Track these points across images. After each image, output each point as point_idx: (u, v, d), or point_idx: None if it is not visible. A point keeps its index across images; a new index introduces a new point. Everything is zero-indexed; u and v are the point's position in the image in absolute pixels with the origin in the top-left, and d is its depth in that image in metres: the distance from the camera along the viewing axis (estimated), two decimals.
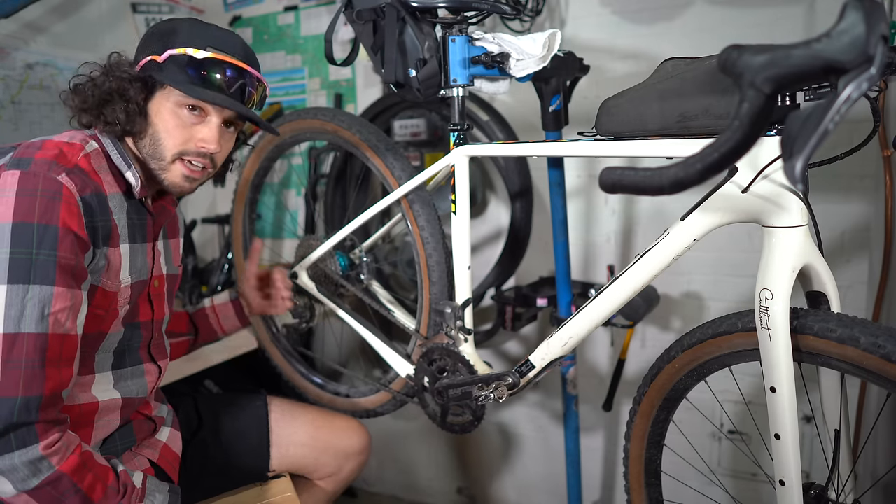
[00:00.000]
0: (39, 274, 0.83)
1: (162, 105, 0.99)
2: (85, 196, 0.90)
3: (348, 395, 1.60)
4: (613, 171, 0.66)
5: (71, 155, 0.92)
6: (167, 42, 0.98)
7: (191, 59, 0.96)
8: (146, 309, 1.08)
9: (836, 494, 1.01)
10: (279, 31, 2.38)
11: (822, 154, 0.84)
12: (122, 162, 0.99)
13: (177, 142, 0.99)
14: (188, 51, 0.96)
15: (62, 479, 0.83)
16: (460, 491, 2.34)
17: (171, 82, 0.96)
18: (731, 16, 1.68)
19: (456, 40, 1.19)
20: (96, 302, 0.94)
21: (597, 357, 1.99)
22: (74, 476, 0.84)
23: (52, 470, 0.82)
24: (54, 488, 0.82)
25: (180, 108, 0.98)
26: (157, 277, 1.11)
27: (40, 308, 0.83)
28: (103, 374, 1.01)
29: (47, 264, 0.84)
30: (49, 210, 0.85)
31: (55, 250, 0.85)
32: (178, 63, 0.96)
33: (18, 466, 0.80)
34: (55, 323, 0.84)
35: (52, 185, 0.86)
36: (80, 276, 0.89)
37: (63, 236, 0.85)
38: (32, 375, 0.81)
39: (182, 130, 0.99)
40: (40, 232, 0.84)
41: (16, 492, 0.80)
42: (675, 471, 1.23)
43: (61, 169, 0.88)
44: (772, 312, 0.88)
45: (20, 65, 1.85)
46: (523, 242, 1.88)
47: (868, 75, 0.52)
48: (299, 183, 2.38)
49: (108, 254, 0.95)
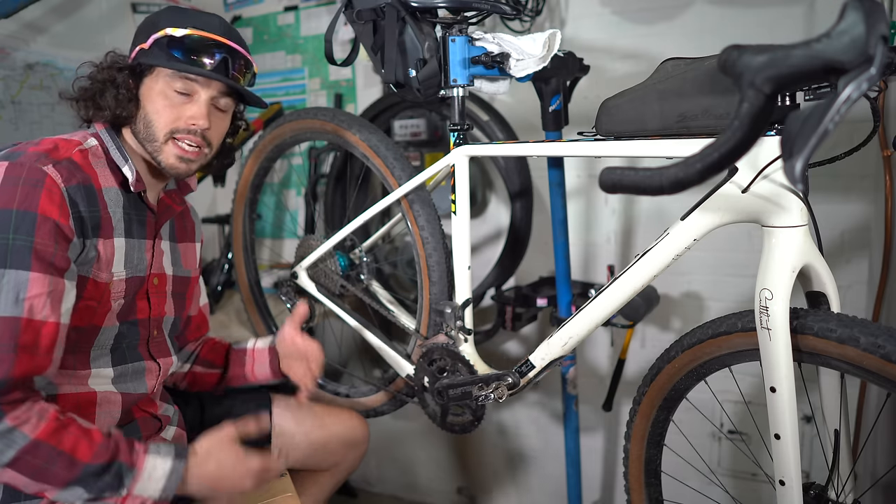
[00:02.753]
0: (15, 259, 0.84)
1: (151, 89, 1.02)
2: (70, 186, 0.92)
3: (348, 395, 1.60)
4: (613, 171, 0.66)
5: (65, 149, 0.96)
6: (150, 30, 1.02)
7: (171, 38, 1.00)
8: (143, 306, 1.08)
9: (836, 494, 1.01)
10: (279, 31, 2.38)
11: (822, 154, 0.84)
12: (119, 156, 1.02)
13: (167, 121, 1.01)
14: (167, 31, 1.00)
15: (39, 446, 0.82)
16: (460, 491, 2.34)
17: (155, 62, 1.00)
18: (731, 16, 1.68)
19: (456, 40, 1.19)
20: (88, 293, 0.95)
21: (597, 357, 1.99)
22: (52, 440, 0.83)
23: (26, 439, 0.81)
24: (34, 456, 0.82)
25: (169, 89, 1.01)
26: (158, 275, 1.11)
27: (15, 292, 0.84)
28: (100, 370, 1.01)
29: (23, 249, 0.85)
30: (29, 197, 0.87)
31: (31, 236, 0.86)
32: (161, 45, 1.00)
33: None
34: (30, 308, 0.85)
35: (35, 174, 0.89)
36: (61, 265, 0.89)
37: (41, 223, 0.87)
38: (1, 358, 0.82)
39: (171, 110, 1.01)
40: (18, 218, 0.86)
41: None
42: (675, 471, 1.23)
43: (49, 160, 0.91)
44: (772, 312, 0.88)
45: (20, 65, 1.85)
46: (523, 242, 1.87)
47: (868, 75, 0.52)
48: (299, 183, 2.38)
49: (98, 245, 0.96)
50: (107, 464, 0.87)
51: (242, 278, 1.79)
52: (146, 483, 0.89)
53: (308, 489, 1.33)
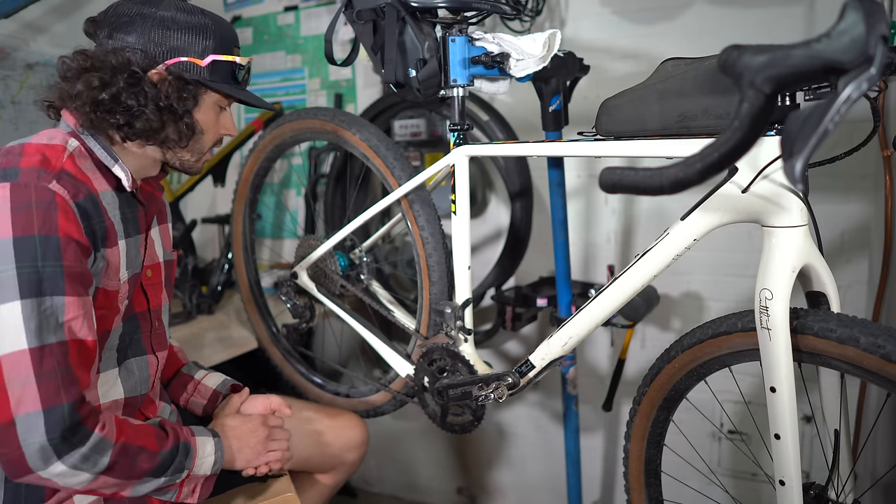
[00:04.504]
0: (48, 286, 0.84)
1: (205, 108, 1.02)
2: (79, 201, 0.89)
3: (348, 395, 1.60)
4: (613, 171, 0.66)
5: (55, 159, 0.90)
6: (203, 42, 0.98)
7: (236, 66, 1.03)
8: (140, 299, 1.08)
9: (836, 494, 1.01)
10: (279, 31, 2.38)
11: (822, 154, 0.84)
12: (107, 157, 0.97)
13: (213, 136, 1.06)
14: (236, 59, 1.02)
15: (125, 446, 0.89)
16: (460, 491, 2.34)
17: (225, 91, 1.01)
18: (731, 16, 1.68)
19: (456, 40, 1.19)
20: (98, 303, 0.94)
21: (597, 357, 1.99)
22: (130, 439, 0.90)
23: (111, 445, 0.87)
24: (123, 457, 0.88)
25: (216, 107, 1.04)
26: (151, 266, 1.10)
27: (55, 318, 0.84)
28: (108, 373, 1.01)
29: (55, 275, 0.84)
30: (48, 220, 0.85)
31: (60, 260, 0.85)
32: (223, 70, 1.01)
33: (88, 455, 0.84)
34: (70, 331, 0.86)
35: (45, 195, 0.85)
36: (87, 282, 0.90)
37: (65, 245, 0.85)
38: (70, 381, 0.84)
39: (216, 126, 1.06)
40: (42, 243, 0.84)
41: (92, 477, 0.85)
42: (675, 471, 1.23)
43: (50, 176, 0.87)
44: (772, 312, 0.88)
45: (20, 65, 1.85)
46: (523, 242, 1.87)
47: (868, 75, 0.52)
48: (299, 183, 2.38)
49: (106, 254, 0.94)
50: (174, 447, 0.95)
51: (242, 278, 1.79)
52: (202, 461, 0.99)
53: (307, 491, 1.33)
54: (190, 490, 0.99)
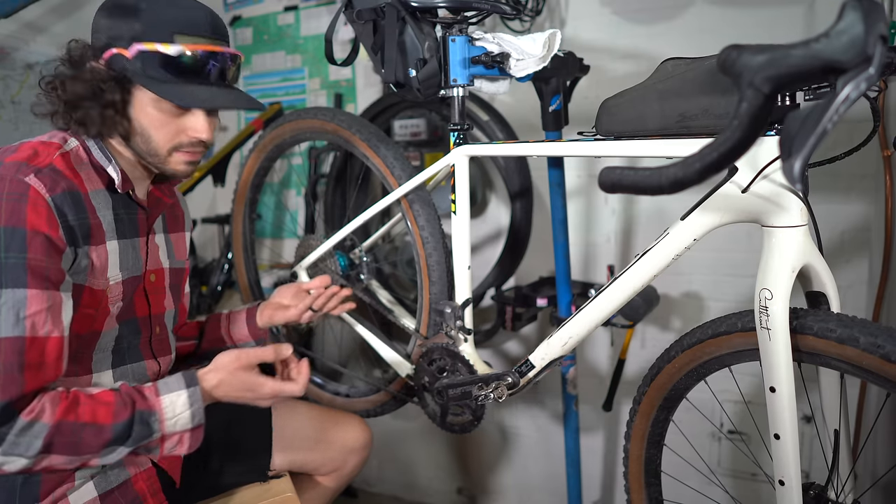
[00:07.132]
0: (10, 277, 0.83)
1: (142, 102, 0.93)
2: (56, 195, 0.87)
3: (348, 395, 1.60)
4: (613, 171, 0.66)
5: (45, 155, 0.90)
6: (129, 29, 0.90)
7: (162, 56, 0.89)
8: (142, 304, 1.07)
9: (836, 494, 1.01)
10: (279, 31, 2.38)
11: (822, 154, 0.84)
12: (102, 157, 0.96)
13: (168, 137, 0.95)
14: (158, 47, 0.89)
15: (61, 425, 0.84)
16: (460, 491, 2.34)
17: (148, 85, 0.90)
18: (731, 16, 1.68)
19: (456, 40, 1.19)
20: (85, 301, 0.94)
21: (597, 357, 1.99)
22: (70, 416, 0.85)
23: (47, 426, 0.83)
24: (61, 436, 0.84)
25: (162, 101, 0.92)
26: (155, 272, 1.10)
27: (14, 311, 0.83)
28: (101, 374, 1.01)
29: (17, 267, 0.83)
30: (15, 213, 0.84)
31: (24, 252, 0.84)
32: (149, 61, 0.89)
33: (16, 441, 0.82)
34: (32, 326, 0.84)
35: (17, 187, 0.85)
36: (56, 278, 0.87)
37: (31, 238, 0.84)
38: (11, 379, 0.82)
39: (170, 125, 0.95)
40: (8, 235, 0.83)
41: (29, 460, 0.83)
42: (675, 471, 1.23)
43: (30, 169, 0.86)
44: (771, 312, 0.88)
45: (20, 65, 1.85)
46: (523, 242, 1.88)
47: (867, 75, 0.52)
48: (299, 183, 2.38)
49: (90, 253, 0.93)
50: (129, 418, 0.89)
51: (242, 278, 1.79)
52: (175, 419, 0.92)
53: (308, 493, 1.32)
54: (174, 444, 0.94)
